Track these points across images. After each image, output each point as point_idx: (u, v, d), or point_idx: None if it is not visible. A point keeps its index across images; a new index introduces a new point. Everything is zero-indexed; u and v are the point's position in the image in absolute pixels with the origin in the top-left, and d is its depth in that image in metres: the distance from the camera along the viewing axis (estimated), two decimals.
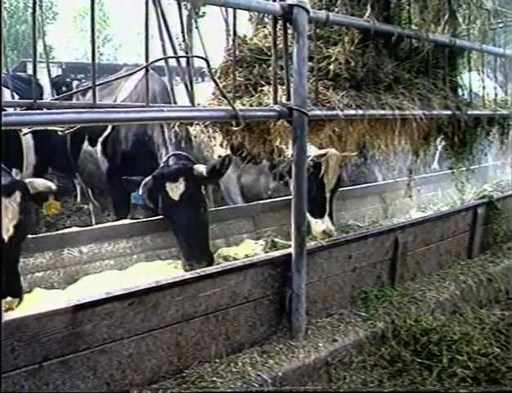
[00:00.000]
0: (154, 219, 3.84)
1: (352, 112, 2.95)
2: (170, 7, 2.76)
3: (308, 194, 2.84)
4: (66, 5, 31.65)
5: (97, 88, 2.27)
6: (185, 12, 2.86)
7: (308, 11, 2.67)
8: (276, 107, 2.73)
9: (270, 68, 2.93)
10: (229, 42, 2.98)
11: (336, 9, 3.21)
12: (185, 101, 2.78)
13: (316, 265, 3.01)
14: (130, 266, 3.67)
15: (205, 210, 3.74)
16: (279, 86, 2.78)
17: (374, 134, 3.33)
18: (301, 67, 2.67)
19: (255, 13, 3.38)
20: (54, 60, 14.96)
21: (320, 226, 3.98)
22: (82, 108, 2.40)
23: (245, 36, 3.29)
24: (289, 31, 2.69)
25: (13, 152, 4.43)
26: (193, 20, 3.14)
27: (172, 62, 3.10)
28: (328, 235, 3.88)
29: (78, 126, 2.53)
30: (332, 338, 2.89)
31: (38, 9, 2.28)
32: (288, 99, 2.77)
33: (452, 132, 3.87)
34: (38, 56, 2.43)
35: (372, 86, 3.20)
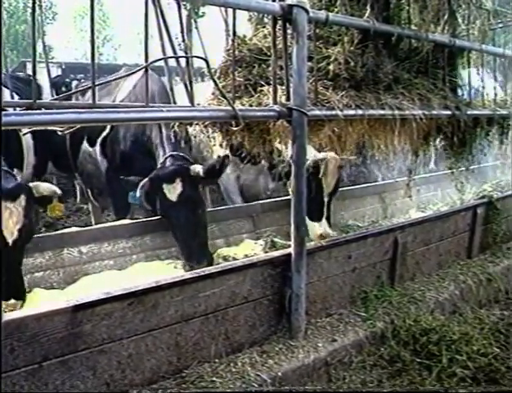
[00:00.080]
0: (153, 219, 3.85)
1: (351, 112, 2.95)
2: (170, 7, 2.76)
3: (306, 197, 2.83)
4: (66, 5, 31.66)
5: (96, 88, 2.27)
6: (184, 12, 2.87)
7: (308, 11, 2.67)
8: (276, 107, 2.73)
9: (269, 68, 2.93)
10: (228, 42, 2.98)
11: (336, 9, 3.21)
12: (184, 100, 2.78)
13: (315, 265, 3.01)
14: (129, 266, 3.67)
15: (203, 211, 3.74)
16: (278, 86, 2.78)
17: (373, 134, 3.32)
18: (300, 67, 2.67)
19: (255, 13, 3.38)
20: (53, 60, 14.94)
21: (317, 229, 4.00)
22: (81, 108, 2.40)
23: (245, 36, 3.29)
24: (288, 31, 2.69)
25: (14, 152, 4.43)
26: (192, 20, 3.15)
27: (171, 62, 3.11)
28: (325, 238, 3.88)
29: (77, 126, 2.53)
30: (332, 338, 2.89)
31: (38, 9, 2.28)
32: (287, 99, 2.77)
33: (452, 132, 3.87)
34: (38, 56, 2.43)
35: (372, 86, 3.20)
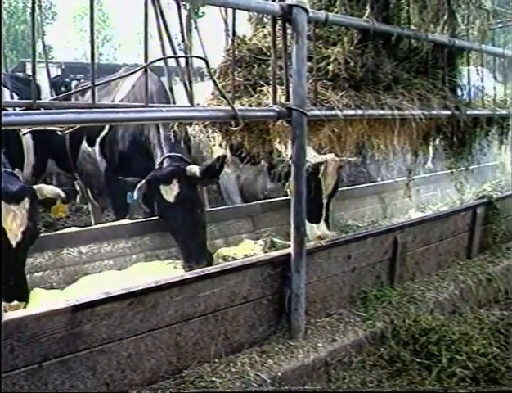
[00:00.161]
0: (153, 219, 3.85)
1: (351, 112, 2.95)
2: (169, 7, 2.76)
3: (306, 199, 2.84)
4: (65, 5, 31.65)
5: (96, 88, 2.27)
6: (184, 12, 2.86)
7: (307, 11, 2.67)
8: (276, 107, 2.73)
9: (269, 68, 2.92)
10: (228, 42, 2.98)
11: (335, 9, 3.21)
12: (184, 100, 2.78)
13: (315, 265, 3.01)
14: (129, 266, 3.67)
15: (202, 211, 3.73)
16: (278, 86, 2.78)
17: (373, 134, 3.33)
18: (300, 67, 2.67)
19: (254, 13, 3.38)
20: (53, 60, 14.93)
21: (315, 231, 4.00)
22: (81, 108, 2.40)
23: (245, 36, 3.29)
24: (288, 31, 2.69)
25: (14, 152, 4.44)
26: (192, 20, 3.15)
27: (171, 62, 3.11)
28: (322, 239, 3.89)
29: (77, 126, 2.53)
30: (331, 338, 2.88)
31: (38, 9, 2.28)
32: (287, 99, 2.77)
33: (451, 132, 3.87)
34: (38, 56, 2.43)
35: (371, 86, 3.20)
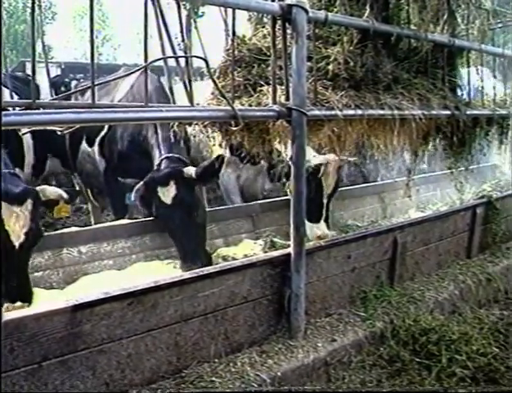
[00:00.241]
0: (152, 219, 3.84)
1: (351, 112, 2.95)
2: (169, 7, 2.76)
3: (306, 199, 2.84)
4: (65, 5, 31.69)
5: (96, 88, 2.27)
6: (184, 12, 2.86)
7: (307, 11, 2.67)
8: (275, 107, 2.73)
9: (269, 68, 2.93)
10: (228, 42, 2.98)
11: (335, 9, 3.21)
12: (184, 100, 2.78)
13: (315, 265, 3.01)
14: (129, 266, 3.67)
15: (200, 212, 3.72)
16: (278, 86, 2.78)
17: (373, 134, 3.33)
18: (300, 67, 2.67)
19: (254, 13, 3.38)
20: (53, 60, 14.94)
21: (315, 231, 4.00)
22: (81, 108, 2.40)
23: (244, 36, 3.29)
24: (288, 31, 2.69)
25: (15, 152, 4.44)
26: (192, 20, 3.15)
27: (171, 62, 3.11)
28: (322, 239, 3.90)
29: (76, 126, 2.53)
30: (331, 338, 2.89)
31: (37, 9, 2.27)
32: (287, 99, 2.77)
33: (451, 132, 3.87)
34: (37, 56, 2.42)
35: (371, 86, 3.20)
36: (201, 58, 2.62)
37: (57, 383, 2.13)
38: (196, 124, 2.94)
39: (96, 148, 4.73)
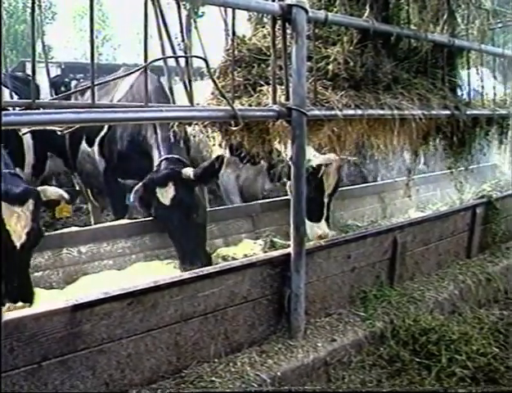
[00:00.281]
0: (152, 219, 3.84)
1: (351, 112, 2.95)
2: (169, 7, 2.76)
3: (307, 198, 2.84)
4: (65, 5, 31.75)
5: (95, 88, 2.27)
6: (184, 12, 2.86)
7: (307, 11, 2.67)
8: (275, 107, 2.73)
9: (269, 68, 2.93)
10: (228, 42, 2.98)
11: (335, 9, 3.21)
12: (184, 100, 2.78)
13: (315, 265, 3.01)
14: (129, 266, 3.67)
15: (200, 213, 3.71)
16: (278, 86, 2.78)
17: (373, 134, 3.33)
18: (300, 67, 2.67)
19: (254, 13, 3.38)
20: (53, 60, 14.95)
21: (316, 230, 4.01)
22: (81, 108, 2.40)
23: (244, 36, 3.29)
24: (288, 31, 2.69)
25: (15, 151, 4.44)
26: (192, 20, 3.15)
27: (171, 62, 3.10)
28: (323, 239, 3.91)
29: (76, 126, 2.53)
30: (331, 338, 2.88)
31: (37, 9, 2.27)
32: (287, 99, 2.77)
33: (451, 132, 3.87)
34: (37, 56, 2.42)
35: (371, 86, 3.20)
36: (201, 58, 2.62)
37: (57, 383, 2.13)
38: (196, 124, 2.94)
39: (95, 148, 4.73)
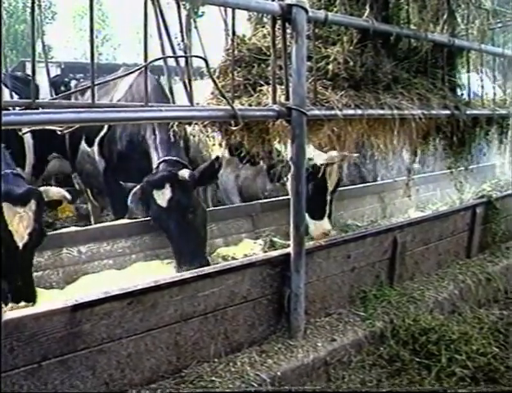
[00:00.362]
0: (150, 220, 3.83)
1: (350, 112, 2.95)
2: (169, 7, 2.76)
3: (310, 196, 2.84)
4: (65, 5, 31.68)
5: (95, 88, 2.26)
6: (184, 12, 2.87)
7: (307, 11, 2.67)
8: (275, 107, 2.73)
9: (269, 68, 2.93)
10: (228, 41, 2.98)
11: (335, 9, 3.21)
12: (184, 100, 2.78)
13: (314, 265, 3.01)
14: (129, 266, 3.67)
15: (199, 213, 3.71)
16: (278, 86, 2.78)
17: (373, 134, 3.33)
18: (300, 67, 2.67)
19: (254, 13, 3.38)
20: (53, 59, 14.93)
21: (319, 228, 4.02)
22: (80, 108, 2.40)
23: (244, 36, 3.29)
24: (287, 31, 2.69)
25: (16, 151, 4.44)
26: (192, 20, 3.15)
27: (171, 62, 3.11)
28: (327, 236, 3.93)
29: (76, 126, 2.52)
30: (331, 338, 2.88)
31: (37, 9, 2.27)
32: (287, 99, 2.77)
33: (451, 131, 3.88)
34: (37, 56, 2.43)
35: (371, 86, 3.20)
36: (201, 58, 2.62)
37: (57, 383, 2.13)
38: (196, 124, 2.94)
39: (95, 148, 4.72)
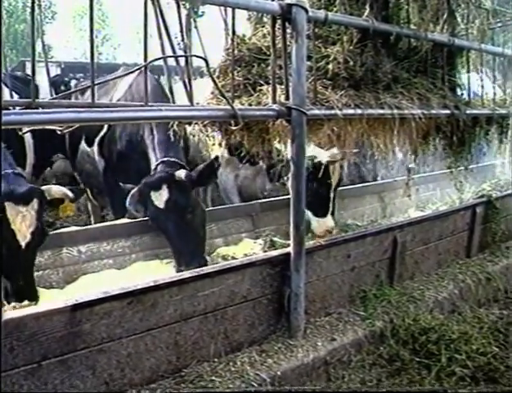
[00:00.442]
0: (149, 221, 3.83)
1: (350, 111, 2.96)
2: (169, 7, 2.76)
3: (314, 194, 2.84)
4: (65, 4, 31.73)
5: (95, 88, 2.26)
6: (184, 12, 2.86)
7: (307, 11, 2.67)
8: (275, 106, 2.73)
9: (269, 67, 2.93)
10: (228, 41, 2.98)
11: (335, 8, 3.21)
12: (184, 99, 2.78)
13: (314, 264, 3.01)
14: (129, 265, 3.67)
15: (195, 214, 3.70)
16: (278, 85, 2.78)
17: (372, 134, 3.33)
18: (300, 66, 2.67)
19: (254, 13, 3.38)
20: (53, 59, 14.94)
21: (322, 225, 4.03)
22: (80, 107, 2.40)
23: (244, 35, 3.29)
24: (287, 30, 2.69)
25: (17, 151, 4.44)
26: (192, 20, 3.15)
27: (171, 61, 3.10)
28: (330, 233, 3.99)
29: (76, 125, 2.52)
30: (331, 337, 2.89)
31: (37, 8, 2.27)
32: (287, 98, 2.77)
33: (451, 131, 3.88)
34: (37, 56, 2.42)
35: (371, 85, 3.20)
36: (201, 57, 2.62)
37: (57, 382, 2.13)
38: (196, 124, 2.94)
39: (95, 148, 4.72)
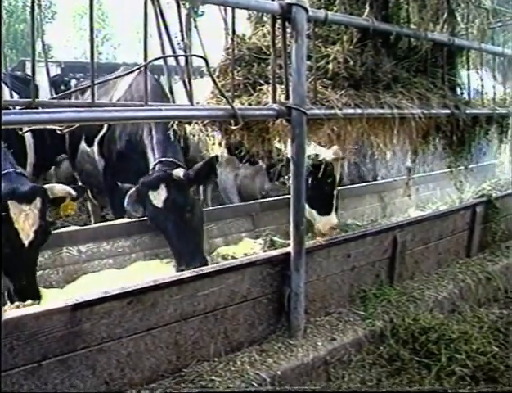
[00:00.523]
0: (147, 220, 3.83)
1: (350, 111, 2.95)
2: (169, 6, 2.76)
3: (319, 191, 2.85)
4: (65, 4, 31.75)
5: (95, 87, 2.26)
6: (184, 11, 2.86)
7: (307, 10, 2.67)
8: (275, 106, 2.73)
9: (269, 67, 2.93)
10: (228, 41, 2.98)
11: (335, 8, 3.21)
12: (184, 99, 2.78)
13: (314, 264, 3.01)
14: (128, 265, 3.67)
15: (193, 213, 3.70)
16: (278, 85, 2.78)
17: (372, 133, 3.33)
18: (300, 66, 2.67)
19: (254, 12, 3.38)
20: (53, 59, 14.93)
21: (327, 223, 4.05)
22: (80, 107, 2.40)
23: (244, 35, 3.29)
24: (287, 30, 2.69)
25: (17, 150, 4.44)
26: (192, 19, 3.15)
27: (171, 61, 3.10)
28: (334, 229, 4.06)
29: (76, 125, 2.52)
30: (331, 337, 2.89)
31: (37, 8, 2.27)
32: (287, 98, 2.77)
33: (451, 131, 3.87)
34: (37, 55, 2.42)
35: (371, 85, 3.20)
36: (201, 57, 2.61)
37: (57, 382, 2.13)
38: (196, 123, 2.94)
39: (95, 148, 4.72)
